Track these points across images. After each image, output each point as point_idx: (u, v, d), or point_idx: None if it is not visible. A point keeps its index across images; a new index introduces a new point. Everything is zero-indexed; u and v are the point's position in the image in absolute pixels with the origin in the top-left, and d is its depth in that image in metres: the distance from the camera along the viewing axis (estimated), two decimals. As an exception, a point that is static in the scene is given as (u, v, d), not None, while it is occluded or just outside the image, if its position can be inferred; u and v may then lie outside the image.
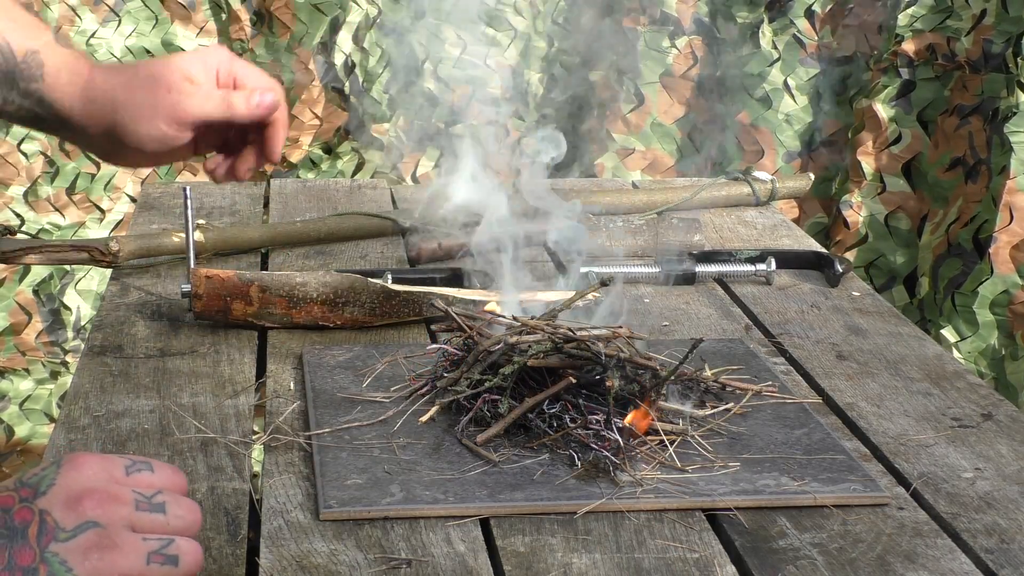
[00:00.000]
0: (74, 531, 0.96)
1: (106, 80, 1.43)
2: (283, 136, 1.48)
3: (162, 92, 1.41)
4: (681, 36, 3.35)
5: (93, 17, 3.24)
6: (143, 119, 1.42)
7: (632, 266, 1.89)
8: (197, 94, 1.42)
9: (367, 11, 3.28)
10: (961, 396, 1.53)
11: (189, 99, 1.42)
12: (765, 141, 3.30)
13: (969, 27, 3.05)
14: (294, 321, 1.69)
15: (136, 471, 1.01)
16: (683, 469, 1.32)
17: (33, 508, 0.97)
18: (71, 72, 1.43)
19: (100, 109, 1.43)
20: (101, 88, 1.42)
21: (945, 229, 3.03)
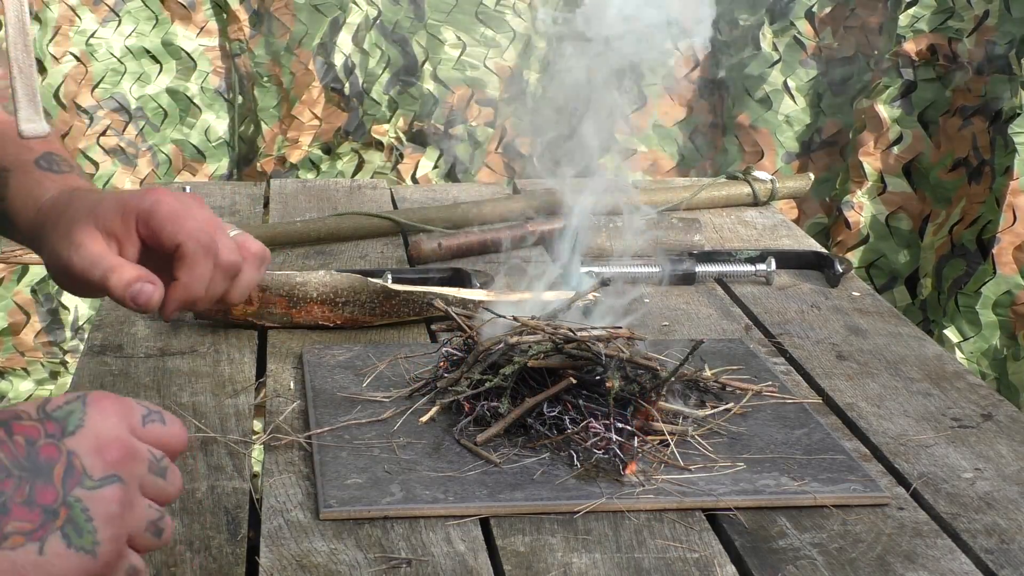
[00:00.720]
0: (101, 482, 0.94)
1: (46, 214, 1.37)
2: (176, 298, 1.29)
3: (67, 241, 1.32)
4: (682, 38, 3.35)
5: (93, 17, 3.24)
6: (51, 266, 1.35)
7: (632, 266, 1.89)
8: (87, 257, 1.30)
9: (367, 12, 3.28)
10: (961, 396, 1.53)
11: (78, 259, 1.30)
12: (765, 142, 3.30)
13: (971, 28, 3.05)
14: (294, 321, 1.69)
15: (152, 421, 0.99)
16: (686, 468, 1.32)
17: (61, 447, 0.94)
18: (29, 197, 1.39)
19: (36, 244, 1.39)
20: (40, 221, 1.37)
21: (948, 230, 3.03)
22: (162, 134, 3.32)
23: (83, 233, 1.31)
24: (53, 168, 1.43)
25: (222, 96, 3.35)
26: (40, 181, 1.41)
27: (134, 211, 1.30)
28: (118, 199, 1.32)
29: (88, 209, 1.33)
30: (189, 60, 3.31)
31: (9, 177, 1.42)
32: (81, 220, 1.32)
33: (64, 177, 1.42)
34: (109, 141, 3.28)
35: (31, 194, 1.40)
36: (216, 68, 3.33)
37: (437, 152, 3.37)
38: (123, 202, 1.31)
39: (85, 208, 1.33)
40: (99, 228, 1.31)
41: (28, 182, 1.41)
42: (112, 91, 3.28)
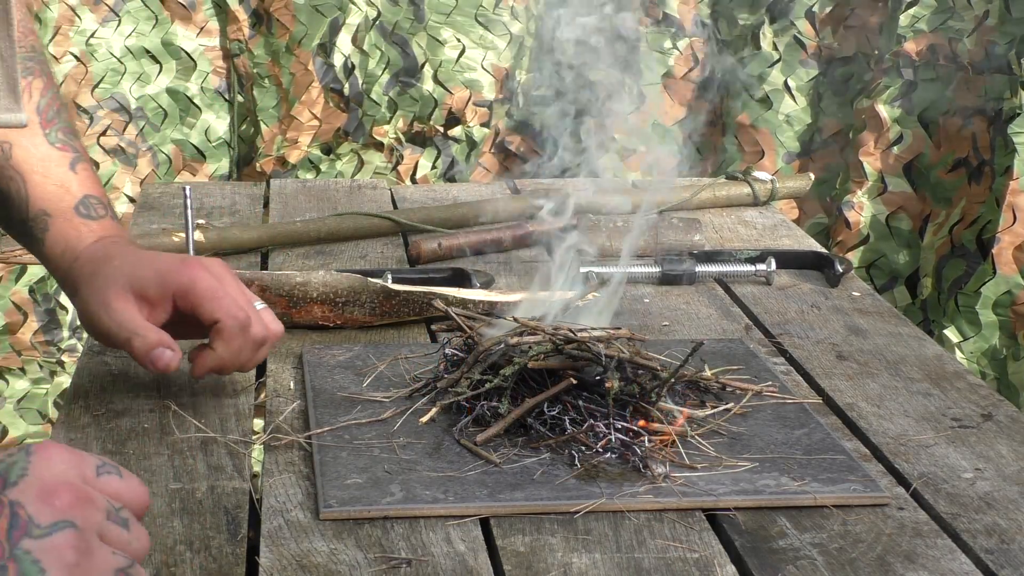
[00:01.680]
0: (50, 528, 0.88)
1: (82, 268, 1.47)
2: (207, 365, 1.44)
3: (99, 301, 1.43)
4: (683, 38, 3.35)
5: (93, 17, 3.24)
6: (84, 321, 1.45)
7: (632, 266, 1.89)
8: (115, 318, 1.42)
9: (367, 13, 3.28)
10: (961, 396, 1.53)
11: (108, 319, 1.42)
12: (765, 142, 3.30)
13: (971, 28, 3.05)
14: (294, 321, 1.68)
15: (106, 473, 0.95)
16: (693, 467, 1.32)
17: (2, 499, 0.88)
18: (66, 247, 1.49)
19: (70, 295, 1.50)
20: (76, 274, 1.47)
21: (948, 230, 3.04)
22: (162, 134, 3.32)
23: (116, 296, 1.43)
24: (91, 214, 1.52)
25: (222, 96, 3.35)
26: (79, 229, 1.51)
27: (172, 285, 1.43)
28: (157, 271, 1.44)
29: (126, 273, 1.44)
30: (189, 60, 3.31)
31: (50, 223, 1.50)
32: (117, 283, 1.44)
33: (101, 224, 1.52)
34: (109, 141, 3.28)
35: (69, 243, 1.50)
36: (216, 68, 3.33)
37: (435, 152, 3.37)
38: (161, 275, 1.44)
39: (123, 272, 1.44)
40: (133, 293, 1.43)
41: (67, 229, 1.50)
42: (112, 91, 3.28)
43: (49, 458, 0.93)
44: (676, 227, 2.01)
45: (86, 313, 1.45)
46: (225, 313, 1.42)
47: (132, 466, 1.32)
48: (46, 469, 0.92)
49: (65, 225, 1.50)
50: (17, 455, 0.92)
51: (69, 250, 1.49)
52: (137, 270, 1.44)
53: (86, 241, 1.49)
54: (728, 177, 2.30)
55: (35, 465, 0.92)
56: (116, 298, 1.43)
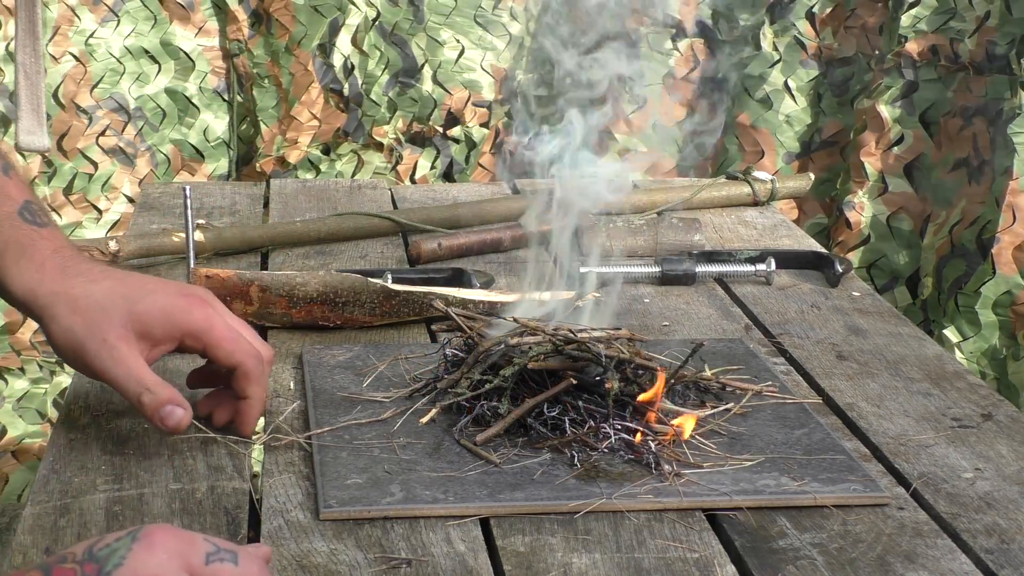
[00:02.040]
0: None
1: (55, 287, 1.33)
2: (254, 415, 1.37)
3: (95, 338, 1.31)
4: (683, 38, 3.35)
5: (92, 17, 3.24)
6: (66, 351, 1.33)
7: (632, 266, 1.89)
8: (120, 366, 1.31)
9: (366, 13, 3.28)
10: (961, 396, 1.53)
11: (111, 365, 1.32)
12: (765, 142, 3.30)
13: (973, 29, 3.05)
14: (294, 321, 1.68)
15: (218, 560, 0.92)
16: (699, 465, 1.32)
17: None
18: (22, 255, 1.34)
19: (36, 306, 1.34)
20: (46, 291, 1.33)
21: (949, 230, 3.03)
22: (161, 134, 3.32)
23: (119, 338, 1.32)
24: (37, 221, 1.38)
25: (220, 96, 3.35)
26: (30, 236, 1.36)
27: (182, 327, 1.34)
28: (162, 309, 1.33)
29: (123, 310, 1.32)
30: (188, 60, 3.31)
31: None
32: (115, 320, 1.32)
33: (50, 232, 1.38)
34: (108, 141, 3.28)
35: (23, 251, 1.35)
36: (215, 68, 3.33)
37: (435, 153, 3.37)
38: (168, 314, 1.33)
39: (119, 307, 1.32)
40: (135, 332, 1.32)
41: (17, 236, 1.35)
42: (111, 91, 3.28)
43: (152, 545, 0.91)
44: (676, 227, 2.01)
45: (71, 344, 1.32)
46: (245, 355, 1.35)
47: (132, 466, 1.32)
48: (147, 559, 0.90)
49: (14, 232, 1.35)
50: (122, 540, 0.91)
51: (25, 259, 1.34)
52: (136, 306, 1.33)
53: (42, 251, 1.35)
54: (728, 177, 2.30)
55: (135, 554, 0.90)
56: (119, 340, 1.32)
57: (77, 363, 1.34)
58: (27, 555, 1.17)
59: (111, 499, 1.26)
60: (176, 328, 1.34)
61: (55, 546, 1.18)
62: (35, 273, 1.34)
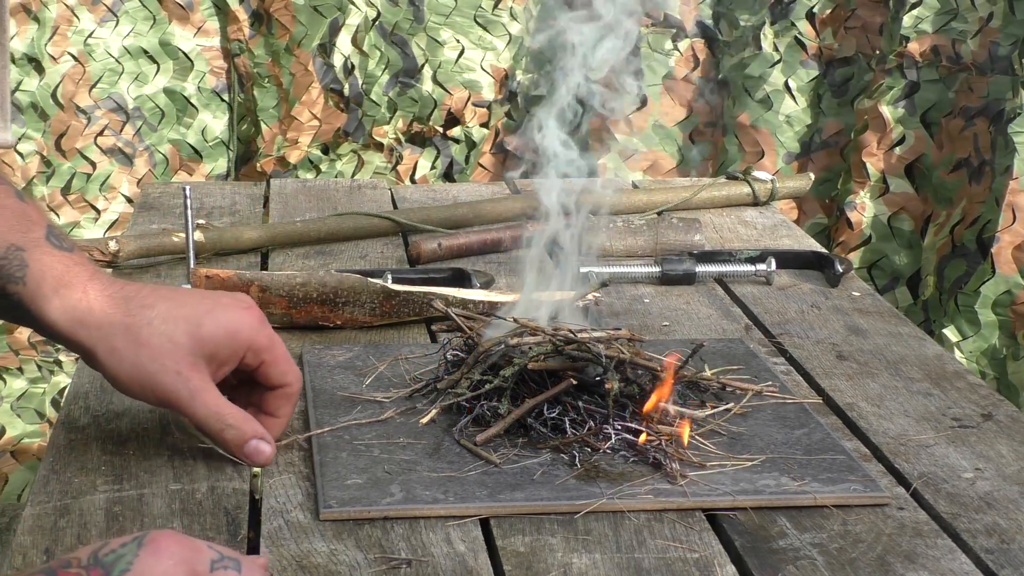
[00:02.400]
0: None
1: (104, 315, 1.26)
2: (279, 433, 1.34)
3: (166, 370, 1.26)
4: (684, 39, 3.35)
5: (91, 17, 3.24)
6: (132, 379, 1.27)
7: (632, 266, 1.89)
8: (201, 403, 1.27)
9: (366, 13, 3.28)
10: (961, 396, 1.53)
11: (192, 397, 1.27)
12: (765, 142, 3.30)
13: (975, 30, 3.05)
14: (294, 321, 1.68)
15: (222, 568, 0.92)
16: (702, 464, 1.32)
17: None
18: (59, 284, 1.26)
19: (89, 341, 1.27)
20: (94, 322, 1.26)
21: (950, 230, 3.04)
22: (159, 134, 3.32)
23: (193, 370, 1.27)
24: (64, 245, 1.30)
25: (219, 96, 3.35)
26: (64, 262, 1.28)
27: (246, 344, 1.30)
28: (225, 328, 1.29)
29: (188, 333, 1.27)
30: (186, 60, 3.31)
31: (27, 257, 1.27)
32: (182, 346, 1.27)
33: (80, 256, 1.31)
34: (107, 141, 3.28)
35: (61, 280, 1.27)
36: (213, 68, 3.33)
37: (435, 153, 3.37)
38: (232, 333, 1.29)
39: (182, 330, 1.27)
40: (204, 357, 1.28)
41: (51, 263, 1.28)
42: (110, 91, 3.28)
43: (158, 551, 0.91)
44: (676, 227, 2.01)
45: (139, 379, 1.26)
46: (295, 376, 1.34)
47: (132, 467, 1.32)
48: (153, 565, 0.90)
49: (46, 258, 1.27)
50: (127, 546, 0.91)
51: (64, 287, 1.26)
52: (201, 329, 1.28)
53: (80, 277, 1.27)
54: (728, 177, 2.30)
55: (141, 560, 0.90)
56: (192, 371, 1.27)
57: (145, 396, 1.29)
58: (27, 556, 1.17)
59: (111, 499, 1.26)
60: (241, 347, 1.30)
61: (55, 547, 1.18)
62: (79, 303, 1.27)
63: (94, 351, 1.27)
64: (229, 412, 1.29)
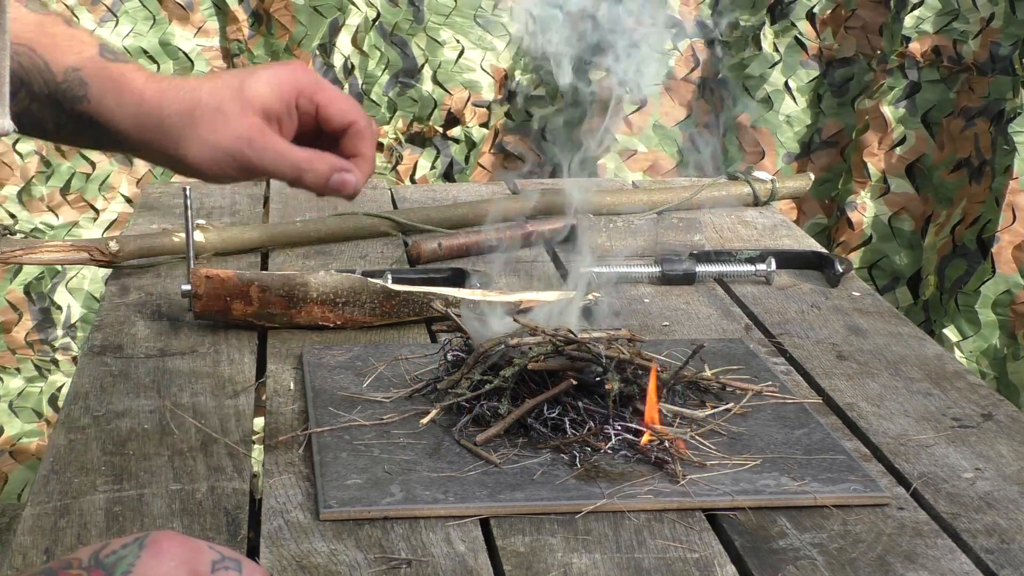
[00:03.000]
0: None
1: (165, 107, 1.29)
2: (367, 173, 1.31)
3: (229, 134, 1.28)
4: (683, 39, 3.35)
5: (91, 17, 3.24)
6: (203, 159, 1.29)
7: (632, 266, 1.89)
8: (269, 151, 1.27)
9: (366, 14, 3.29)
10: (961, 396, 1.53)
11: (260, 155, 1.27)
12: (766, 142, 3.30)
13: (977, 30, 3.05)
14: (294, 321, 1.68)
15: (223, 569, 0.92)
16: (703, 463, 1.32)
17: None
18: (119, 91, 1.30)
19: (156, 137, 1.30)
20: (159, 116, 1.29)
21: (950, 230, 3.03)
22: (160, 134, 3.32)
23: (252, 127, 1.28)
24: (120, 58, 1.33)
25: (218, 96, 3.35)
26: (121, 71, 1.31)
27: (293, 89, 1.29)
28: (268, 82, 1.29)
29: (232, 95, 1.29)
30: (186, 60, 3.31)
31: (85, 75, 1.30)
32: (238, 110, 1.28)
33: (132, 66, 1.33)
34: (107, 141, 3.28)
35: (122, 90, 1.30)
36: (213, 68, 3.33)
37: (434, 153, 3.37)
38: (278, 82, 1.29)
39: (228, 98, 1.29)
40: (262, 115, 1.29)
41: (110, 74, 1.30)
42: (111, 91, 3.28)
43: (159, 552, 0.91)
44: (676, 227, 2.01)
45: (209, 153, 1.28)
46: (358, 113, 1.31)
47: (132, 467, 1.32)
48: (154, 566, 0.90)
49: (103, 72, 1.30)
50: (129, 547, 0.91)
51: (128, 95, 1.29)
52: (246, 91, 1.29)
53: (138, 81, 1.30)
54: (728, 177, 2.30)
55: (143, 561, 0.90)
56: (251, 130, 1.28)
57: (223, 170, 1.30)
58: (27, 556, 1.17)
59: (111, 500, 1.26)
60: (290, 92, 1.30)
61: (55, 547, 1.18)
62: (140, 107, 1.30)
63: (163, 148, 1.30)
64: (302, 156, 1.28)
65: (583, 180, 1.88)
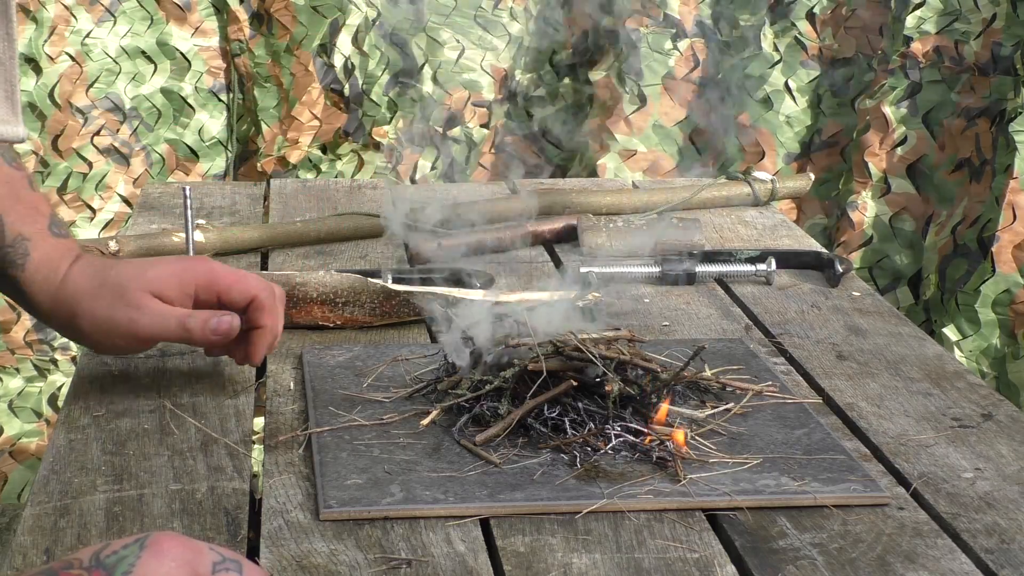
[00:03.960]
0: None
1: (76, 284, 1.43)
2: (266, 343, 1.46)
3: (121, 307, 1.42)
4: (683, 39, 3.35)
5: (89, 17, 3.24)
6: (99, 332, 1.43)
7: (632, 266, 1.89)
8: (155, 315, 1.41)
9: (367, 14, 3.29)
10: (961, 396, 1.53)
11: (147, 319, 1.41)
12: (766, 142, 3.30)
13: (978, 31, 3.05)
14: (294, 321, 1.68)
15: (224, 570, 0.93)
16: (705, 461, 1.32)
17: None
18: (50, 269, 1.44)
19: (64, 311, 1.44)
20: (69, 292, 1.43)
21: (951, 230, 3.03)
22: (156, 134, 3.32)
23: (142, 297, 1.42)
24: (62, 233, 1.48)
25: (216, 96, 3.35)
26: (58, 250, 1.46)
27: (192, 282, 1.44)
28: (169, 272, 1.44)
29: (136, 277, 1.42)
30: (184, 60, 3.31)
31: (30, 247, 1.45)
32: (132, 288, 1.42)
33: (71, 242, 1.48)
34: (103, 141, 3.28)
35: (52, 266, 1.45)
36: (210, 68, 3.33)
37: (435, 152, 3.37)
38: (177, 274, 1.44)
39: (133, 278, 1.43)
40: (155, 294, 1.42)
41: (48, 252, 1.45)
42: (107, 91, 3.28)
43: (160, 553, 0.91)
44: (676, 227, 2.01)
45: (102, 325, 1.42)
46: (256, 288, 1.44)
47: (132, 467, 1.32)
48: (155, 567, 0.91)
49: (45, 247, 1.45)
50: (129, 547, 0.91)
51: (52, 272, 1.45)
52: (147, 273, 1.43)
53: (66, 261, 1.45)
54: (728, 177, 2.30)
55: (144, 562, 0.91)
56: (143, 298, 1.42)
57: (113, 341, 1.44)
58: (27, 556, 1.17)
59: (111, 500, 1.26)
60: (186, 284, 1.43)
61: (55, 547, 1.18)
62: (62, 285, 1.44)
63: (67, 321, 1.44)
64: (182, 312, 1.42)
65: None
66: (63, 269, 1.44)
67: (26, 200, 1.46)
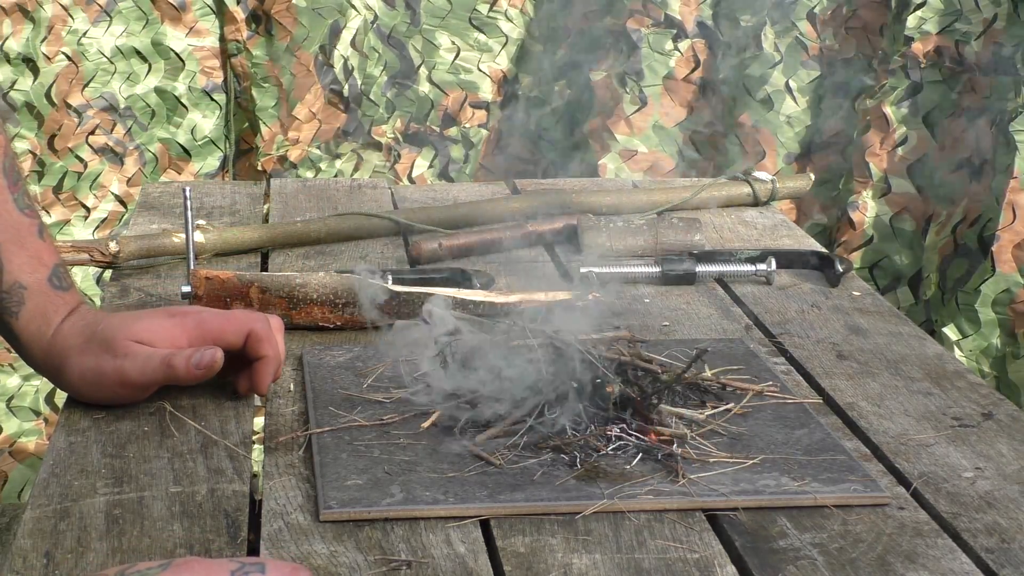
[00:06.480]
0: None
1: (65, 340, 1.45)
2: (270, 371, 1.45)
3: (108, 358, 1.42)
4: (684, 39, 3.35)
5: (85, 16, 3.24)
6: (87, 384, 1.44)
7: (632, 266, 1.89)
8: (140, 358, 1.41)
9: (365, 16, 3.29)
10: (961, 396, 1.53)
11: (132, 364, 1.41)
12: (766, 142, 3.30)
13: (979, 31, 3.05)
14: (294, 322, 1.68)
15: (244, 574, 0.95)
16: (706, 461, 1.32)
17: None
18: (43, 321, 1.46)
19: (53, 366, 1.46)
20: (58, 347, 1.45)
21: (951, 230, 3.03)
22: (149, 133, 3.33)
23: (127, 345, 1.42)
24: (62, 285, 1.49)
25: (209, 96, 3.35)
26: (54, 302, 1.48)
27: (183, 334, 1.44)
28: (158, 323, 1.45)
29: (120, 328, 1.44)
30: (178, 60, 3.31)
31: (26, 296, 1.47)
32: (119, 338, 1.43)
33: (71, 295, 1.50)
34: (98, 140, 3.29)
35: (46, 317, 1.47)
36: (204, 68, 3.33)
37: (432, 152, 3.37)
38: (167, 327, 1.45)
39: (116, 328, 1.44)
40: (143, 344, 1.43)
41: (43, 303, 1.47)
42: (102, 90, 3.28)
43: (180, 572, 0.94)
44: (676, 227, 2.01)
45: (89, 377, 1.43)
46: (250, 321, 1.45)
47: (132, 469, 1.32)
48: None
49: (41, 299, 1.47)
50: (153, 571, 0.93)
51: (45, 325, 1.47)
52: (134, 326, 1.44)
53: (60, 314, 1.47)
54: (728, 177, 2.30)
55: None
56: (129, 347, 1.42)
57: (103, 392, 1.44)
58: (27, 559, 1.17)
59: (111, 502, 1.26)
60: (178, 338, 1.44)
61: (55, 550, 1.18)
62: (54, 339, 1.46)
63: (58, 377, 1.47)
64: (164, 351, 1.42)
65: None
66: (55, 323, 1.46)
67: (31, 249, 1.48)
